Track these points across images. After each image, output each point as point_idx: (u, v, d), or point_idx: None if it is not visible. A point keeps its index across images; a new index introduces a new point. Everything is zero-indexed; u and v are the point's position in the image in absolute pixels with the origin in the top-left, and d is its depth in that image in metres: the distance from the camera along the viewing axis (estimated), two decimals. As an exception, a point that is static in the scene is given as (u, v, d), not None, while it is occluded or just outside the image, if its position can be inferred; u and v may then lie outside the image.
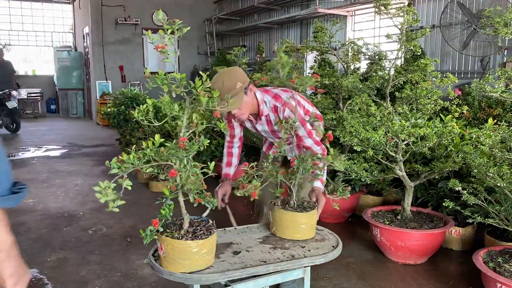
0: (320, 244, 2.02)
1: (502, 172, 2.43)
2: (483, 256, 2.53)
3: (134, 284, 2.71)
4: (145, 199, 4.55)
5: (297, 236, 2.05)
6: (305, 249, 1.96)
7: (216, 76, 2.15)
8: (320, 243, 2.03)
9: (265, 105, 2.31)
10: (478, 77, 5.27)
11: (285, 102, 2.27)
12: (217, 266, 1.76)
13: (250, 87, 2.22)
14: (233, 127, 2.57)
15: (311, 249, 1.97)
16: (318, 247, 1.99)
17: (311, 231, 2.09)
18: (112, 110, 6.07)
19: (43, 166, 6.15)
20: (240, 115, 2.24)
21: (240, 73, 2.17)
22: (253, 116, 2.39)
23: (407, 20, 3.26)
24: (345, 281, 2.75)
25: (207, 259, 1.72)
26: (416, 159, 3.43)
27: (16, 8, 13.45)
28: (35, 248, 3.26)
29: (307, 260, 1.87)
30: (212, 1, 11.69)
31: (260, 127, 2.45)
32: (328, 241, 2.05)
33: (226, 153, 2.62)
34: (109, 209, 1.53)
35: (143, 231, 1.63)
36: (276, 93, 2.33)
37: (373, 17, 7.01)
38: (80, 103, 13.13)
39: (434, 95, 3.17)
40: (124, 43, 11.18)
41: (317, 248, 1.97)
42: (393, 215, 3.22)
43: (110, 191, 1.53)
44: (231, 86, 2.07)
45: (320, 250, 1.95)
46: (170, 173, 1.59)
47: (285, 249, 1.96)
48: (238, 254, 1.91)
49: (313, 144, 2.26)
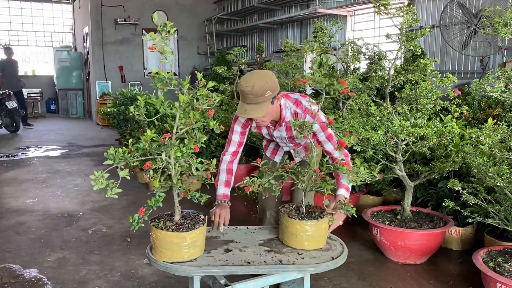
0: (320, 253, 1.94)
1: (502, 172, 2.43)
2: (483, 256, 2.53)
3: (134, 284, 2.70)
4: (145, 199, 4.51)
5: (301, 245, 1.95)
6: (299, 256, 1.90)
7: (247, 76, 2.06)
8: (321, 253, 1.95)
9: (287, 110, 2.23)
10: (478, 77, 5.27)
11: (306, 108, 2.20)
12: (200, 260, 1.80)
13: (278, 97, 2.14)
14: (244, 133, 2.36)
15: (306, 257, 1.90)
16: (315, 256, 1.91)
17: (317, 242, 1.98)
18: (112, 110, 6.06)
19: (43, 166, 6.15)
20: (260, 122, 2.19)
21: (272, 80, 2.07)
22: (272, 122, 2.30)
23: (407, 20, 3.26)
24: (345, 281, 2.75)
25: (190, 252, 1.77)
26: (416, 159, 3.43)
27: (16, 8, 13.44)
28: (35, 248, 3.26)
29: (293, 267, 1.81)
30: (212, 1, 11.69)
31: (277, 133, 2.35)
32: (331, 251, 1.96)
33: (225, 169, 2.31)
34: (108, 195, 1.69)
35: (131, 218, 1.75)
36: (297, 99, 2.25)
37: (373, 17, 7.01)
38: (80, 103, 13.13)
39: (434, 95, 3.17)
40: (124, 43, 11.18)
41: (314, 257, 1.90)
42: (393, 215, 3.22)
43: (103, 180, 1.66)
44: (260, 93, 1.99)
45: (315, 260, 1.87)
46: (145, 165, 1.70)
47: (278, 254, 1.91)
48: (228, 252, 1.92)
49: (333, 150, 2.19)
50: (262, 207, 2.62)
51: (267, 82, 2.02)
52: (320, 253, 1.95)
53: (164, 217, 1.88)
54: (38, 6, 13.68)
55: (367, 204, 3.92)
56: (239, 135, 2.34)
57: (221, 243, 2.03)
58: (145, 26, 11.24)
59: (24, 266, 2.95)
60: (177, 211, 1.85)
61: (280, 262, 1.83)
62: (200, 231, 1.80)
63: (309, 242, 1.95)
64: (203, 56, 12.03)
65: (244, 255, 1.89)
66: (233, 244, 2.02)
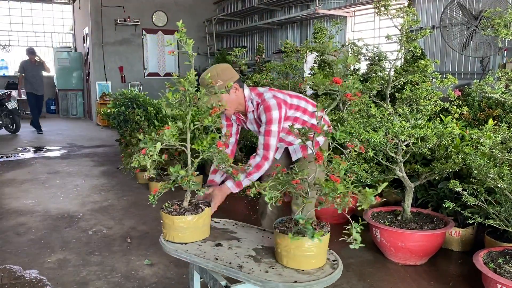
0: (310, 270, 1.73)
1: (502, 173, 2.43)
2: (483, 257, 2.53)
3: (134, 285, 2.70)
4: (145, 200, 4.54)
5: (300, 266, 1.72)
6: (283, 270, 1.72)
7: (208, 69, 2.31)
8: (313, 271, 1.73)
9: (250, 102, 2.40)
10: (478, 78, 5.28)
11: (264, 99, 2.35)
12: (187, 246, 1.96)
13: (235, 86, 2.33)
14: (231, 125, 2.57)
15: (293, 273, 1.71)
16: (311, 271, 1.71)
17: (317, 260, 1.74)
18: (112, 111, 6.06)
19: (43, 167, 6.15)
20: (225, 111, 2.37)
21: (224, 72, 2.31)
22: (243, 114, 2.48)
23: (407, 21, 3.26)
24: (345, 282, 2.75)
25: (181, 235, 1.98)
26: (416, 160, 3.43)
27: (16, 9, 13.45)
28: (35, 249, 3.26)
29: (267, 277, 1.66)
30: (212, 2, 11.70)
31: (250, 126, 2.50)
32: (321, 272, 1.70)
33: None
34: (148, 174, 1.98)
35: (151, 195, 1.99)
36: (260, 91, 2.42)
37: (373, 18, 7.01)
38: (80, 104, 13.14)
39: (434, 96, 3.17)
40: (124, 43, 11.18)
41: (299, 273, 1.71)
42: (393, 216, 3.22)
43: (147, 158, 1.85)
44: (210, 83, 2.17)
45: (298, 277, 1.66)
46: (143, 151, 1.86)
47: (263, 262, 1.78)
48: (218, 247, 1.95)
49: (261, 144, 2.32)
50: (262, 202, 2.67)
51: (217, 73, 2.27)
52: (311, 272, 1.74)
53: (179, 203, 2.10)
54: (38, 7, 13.70)
55: (367, 205, 3.91)
56: (225, 127, 2.56)
57: (222, 236, 2.08)
58: (145, 26, 11.25)
59: (25, 267, 2.95)
60: (187, 196, 2.08)
61: (252, 273, 1.70)
62: (190, 219, 1.97)
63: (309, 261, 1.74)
64: (203, 57, 12.04)
65: (228, 255, 1.86)
66: (229, 241, 2.02)
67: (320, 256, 1.75)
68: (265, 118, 2.30)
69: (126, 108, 5.90)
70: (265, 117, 2.30)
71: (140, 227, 3.71)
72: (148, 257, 3.10)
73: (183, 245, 1.96)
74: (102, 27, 10.81)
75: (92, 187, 5.05)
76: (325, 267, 1.75)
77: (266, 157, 2.29)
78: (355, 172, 3.04)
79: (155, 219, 3.90)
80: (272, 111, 2.29)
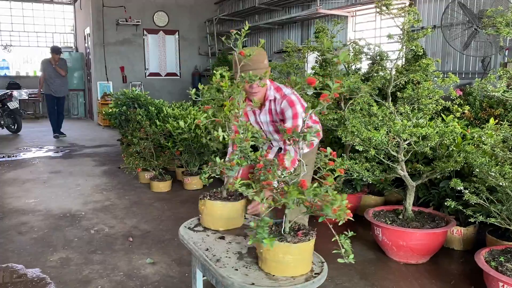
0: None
1: (504, 171, 2.43)
2: (485, 256, 2.53)
3: (137, 283, 2.71)
4: (147, 199, 4.55)
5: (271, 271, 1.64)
6: (254, 271, 1.67)
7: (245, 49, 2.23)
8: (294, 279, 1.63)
9: (270, 92, 2.48)
10: (479, 77, 5.27)
11: (285, 94, 2.42)
12: (200, 233, 2.07)
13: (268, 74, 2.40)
14: (248, 117, 2.62)
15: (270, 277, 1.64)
16: (280, 278, 1.62)
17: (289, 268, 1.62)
18: (113, 111, 6.07)
19: (45, 167, 6.16)
20: (253, 92, 2.41)
21: (266, 57, 2.45)
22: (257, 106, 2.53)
23: (409, 20, 3.26)
24: (347, 281, 2.76)
25: (208, 220, 2.10)
26: (418, 159, 3.43)
27: (17, 9, 13.47)
28: (37, 248, 3.27)
29: (230, 274, 1.64)
30: (213, 2, 11.70)
31: (263, 117, 2.55)
32: (290, 282, 1.61)
33: (230, 151, 2.58)
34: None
35: (203, 173, 2.05)
36: (278, 85, 2.49)
37: (374, 18, 7.02)
38: (81, 104, 13.15)
39: (436, 95, 3.18)
40: (125, 43, 11.20)
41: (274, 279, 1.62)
42: (395, 215, 3.22)
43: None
44: (259, 60, 2.30)
45: (260, 281, 1.59)
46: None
47: (244, 261, 1.77)
48: (220, 240, 1.99)
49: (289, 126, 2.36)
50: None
51: (263, 55, 2.39)
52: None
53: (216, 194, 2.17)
54: (39, 7, 13.72)
55: (369, 204, 3.92)
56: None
57: (238, 231, 2.11)
58: (146, 26, 11.26)
59: (27, 266, 2.95)
60: (223, 190, 2.14)
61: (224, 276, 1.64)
62: (212, 205, 2.06)
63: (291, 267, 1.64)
64: (204, 57, 12.05)
65: (223, 250, 1.87)
66: (238, 238, 2.02)
67: (295, 265, 1.62)
68: (290, 113, 2.38)
69: (127, 108, 5.91)
70: (290, 112, 2.38)
71: (142, 226, 3.72)
72: (150, 256, 3.11)
73: (195, 233, 2.08)
74: (103, 27, 10.83)
75: (94, 187, 5.06)
76: (299, 278, 1.61)
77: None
78: (356, 171, 3.04)
79: (156, 218, 3.91)
80: (296, 106, 2.38)
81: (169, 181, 4.95)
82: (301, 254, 1.63)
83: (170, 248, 3.25)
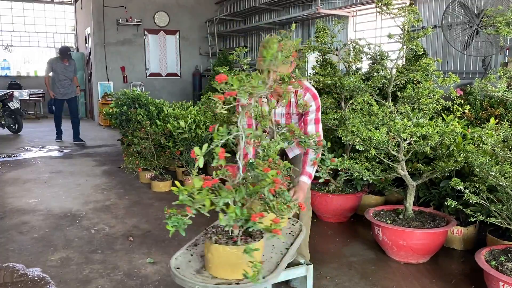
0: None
1: (504, 171, 2.43)
2: (485, 255, 2.53)
3: (137, 283, 2.71)
4: (147, 199, 4.55)
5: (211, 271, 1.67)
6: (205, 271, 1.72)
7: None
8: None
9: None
10: (480, 77, 5.27)
11: (308, 87, 2.42)
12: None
13: (293, 65, 2.33)
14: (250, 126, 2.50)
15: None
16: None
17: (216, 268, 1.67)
18: (114, 111, 6.07)
19: (45, 166, 6.16)
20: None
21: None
22: (275, 98, 2.48)
23: (409, 19, 3.26)
24: (347, 280, 2.76)
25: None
26: (418, 158, 3.43)
27: (18, 9, 13.48)
28: (38, 247, 3.27)
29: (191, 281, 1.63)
30: (214, 2, 11.71)
31: (279, 109, 2.51)
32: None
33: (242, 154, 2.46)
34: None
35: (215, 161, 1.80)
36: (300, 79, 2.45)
37: (375, 18, 7.02)
38: (82, 104, 13.15)
39: (436, 95, 3.17)
40: (125, 44, 11.20)
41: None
42: (395, 215, 3.22)
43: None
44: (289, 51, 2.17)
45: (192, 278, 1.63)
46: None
47: None
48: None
49: (315, 132, 2.37)
50: None
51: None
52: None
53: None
54: (40, 7, 13.73)
55: (369, 204, 3.92)
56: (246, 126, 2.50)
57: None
58: (147, 26, 11.26)
59: (28, 265, 2.96)
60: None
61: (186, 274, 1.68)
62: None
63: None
64: (205, 57, 12.05)
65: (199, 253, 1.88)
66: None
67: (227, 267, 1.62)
68: (314, 105, 2.40)
69: (128, 107, 5.91)
70: (314, 104, 2.40)
71: (142, 226, 3.72)
72: (150, 256, 3.11)
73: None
74: (104, 27, 10.83)
75: (94, 186, 5.07)
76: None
77: (321, 143, 2.30)
78: (357, 170, 3.04)
79: (157, 218, 3.91)
80: (318, 99, 2.43)
81: (169, 181, 4.95)
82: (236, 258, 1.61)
83: (171, 247, 3.25)
